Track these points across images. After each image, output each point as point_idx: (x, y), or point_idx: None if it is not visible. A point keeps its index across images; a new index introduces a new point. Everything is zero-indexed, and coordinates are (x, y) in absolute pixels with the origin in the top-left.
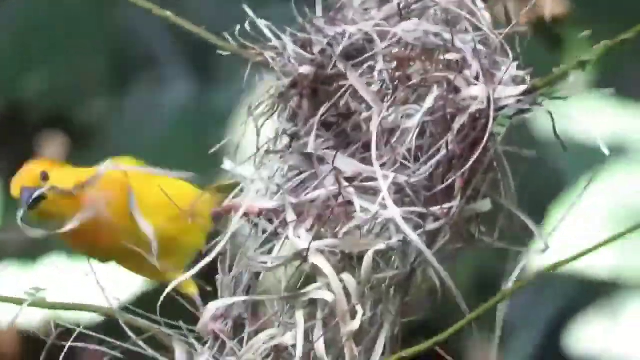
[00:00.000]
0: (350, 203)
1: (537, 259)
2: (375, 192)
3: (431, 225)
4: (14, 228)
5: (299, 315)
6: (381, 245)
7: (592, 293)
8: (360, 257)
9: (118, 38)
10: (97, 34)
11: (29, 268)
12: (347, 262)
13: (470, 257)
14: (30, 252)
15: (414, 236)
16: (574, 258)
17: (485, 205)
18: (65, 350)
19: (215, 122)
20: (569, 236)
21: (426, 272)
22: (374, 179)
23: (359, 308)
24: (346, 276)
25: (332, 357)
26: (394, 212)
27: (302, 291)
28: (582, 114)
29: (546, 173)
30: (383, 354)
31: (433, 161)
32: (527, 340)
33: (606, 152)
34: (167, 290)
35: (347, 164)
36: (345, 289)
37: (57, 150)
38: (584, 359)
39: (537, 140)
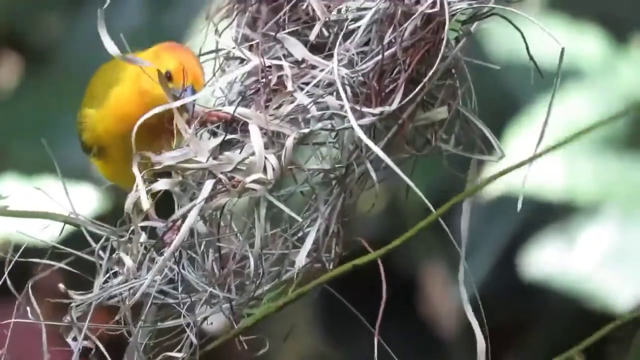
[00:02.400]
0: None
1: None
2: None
3: (363, 121)
4: None
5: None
6: (304, 130)
7: (545, 215)
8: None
9: None
10: None
11: None
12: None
13: (423, 177)
14: None
15: (356, 125)
16: (517, 166)
17: (441, 112)
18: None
19: (170, 38)
20: (521, 155)
21: (368, 173)
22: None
23: (269, 171)
24: (270, 156)
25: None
26: (345, 103)
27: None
28: (537, 34)
29: (500, 95)
30: (316, 250)
31: (375, 59)
32: (481, 263)
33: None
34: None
35: (297, 49)
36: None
37: (10, 69)
38: (539, 280)
39: (491, 62)
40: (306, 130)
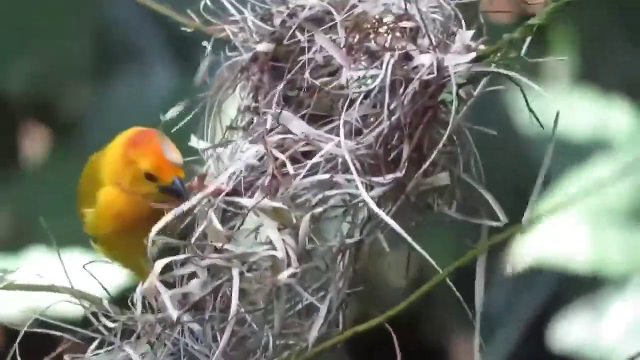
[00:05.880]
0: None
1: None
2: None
3: (375, 193)
4: None
5: (235, 273)
6: (319, 209)
7: (573, 288)
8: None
9: (101, 27)
10: (80, 23)
11: (10, 260)
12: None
13: (450, 243)
14: (10, 244)
15: (368, 198)
16: (520, 229)
17: (443, 178)
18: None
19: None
20: (550, 228)
21: (377, 242)
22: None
23: (293, 262)
24: (286, 237)
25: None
26: (355, 178)
27: (250, 250)
28: (565, 108)
29: (529, 166)
30: (329, 325)
31: (379, 128)
32: (510, 336)
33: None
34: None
35: (296, 125)
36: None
37: (38, 141)
38: (567, 353)
39: (521, 134)
40: (320, 209)
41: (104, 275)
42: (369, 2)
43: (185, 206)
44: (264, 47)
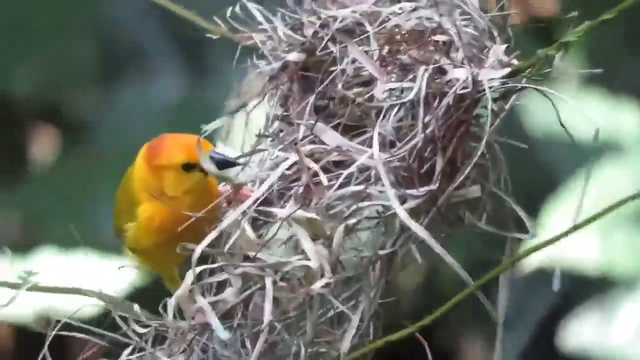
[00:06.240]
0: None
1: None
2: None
3: (408, 205)
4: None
5: (268, 282)
6: (353, 220)
7: (583, 289)
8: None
9: (109, 30)
10: (88, 25)
11: (21, 261)
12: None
13: (461, 250)
14: (20, 246)
15: (400, 209)
16: (551, 242)
17: (474, 191)
18: (48, 339)
19: (207, 116)
20: (560, 231)
21: (410, 253)
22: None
23: (327, 272)
24: (319, 247)
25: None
26: (388, 190)
27: (283, 260)
28: (575, 109)
29: (539, 170)
30: (360, 335)
31: (413, 141)
32: (520, 338)
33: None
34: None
35: (331, 136)
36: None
37: (47, 143)
38: (577, 354)
39: (530, 138)
40: (353, 221)
41: (113, 275)
42: (401, 14)
43: (226, 223)
44: (294, 56)
